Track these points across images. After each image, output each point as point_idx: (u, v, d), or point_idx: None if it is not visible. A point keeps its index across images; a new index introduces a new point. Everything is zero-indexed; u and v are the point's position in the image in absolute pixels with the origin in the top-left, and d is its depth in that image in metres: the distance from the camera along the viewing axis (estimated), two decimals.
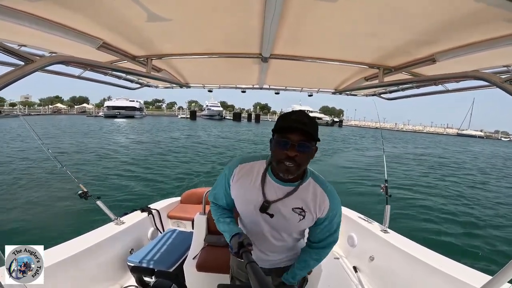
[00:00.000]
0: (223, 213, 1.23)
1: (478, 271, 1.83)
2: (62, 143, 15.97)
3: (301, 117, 0.96)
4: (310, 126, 0.95)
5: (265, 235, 1.15)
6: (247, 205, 1.12)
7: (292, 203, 1.07)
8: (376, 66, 1.60)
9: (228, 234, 1.13)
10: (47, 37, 1.12)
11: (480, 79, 1.06)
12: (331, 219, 1.11)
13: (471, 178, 12.50)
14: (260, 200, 1.08)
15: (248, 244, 1.02)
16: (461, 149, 29.76)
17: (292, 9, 0.96)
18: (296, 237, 1.21)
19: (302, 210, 1.07)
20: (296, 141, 0.94)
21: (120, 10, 1.00)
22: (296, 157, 0.95)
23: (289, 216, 1.07)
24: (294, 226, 1.10)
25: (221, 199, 1.24)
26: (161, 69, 1.97)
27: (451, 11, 0.87)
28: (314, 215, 1.08)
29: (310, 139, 0.96)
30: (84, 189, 2.42)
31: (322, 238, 1.16)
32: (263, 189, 1.08)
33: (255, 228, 1.15)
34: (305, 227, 1.13)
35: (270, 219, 1.09)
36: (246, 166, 1.14)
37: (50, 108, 65.21)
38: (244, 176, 1.12)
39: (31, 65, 0.95)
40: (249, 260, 0.94)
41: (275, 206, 1.07)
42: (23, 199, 6.38)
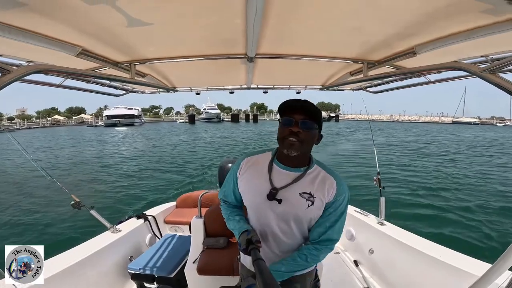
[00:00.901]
0: (232, 211, 1.23)
1: (477, 259, 1.84)
2: (88, 152, 17.62)
3: (305, 102, 1.02)
4: (312, 107, 1.01)
5: (272, 229, 1.10)
6: (255, 196, 1.11)
7: (300, 188, 1.06)
8: (360, 60, 1.62)
9: (237, 231, 1.12)
10: (23, 45, 1.08)
11: (459, 69, 1.09)
12: (337, 204, 1.07)
13: (442, 159, 13.96)
14: (268, 188, 1.07)
15: (257, 241, 1.02)
16: (450, 135, 31.24)
17: (274, 8, 0.96)
18: (304, 231, 1.13)
19: (310, 195, 1.05)
20: (298, 119, 1.00)
21: (97, 16, 0.97)
22: (299, 133, 0.99)
23: (297, 201, 1.05)
24: (303, 213, 1.06)
25: (230, 195, 1.24)
26: (145, 74, 1.93)
27: (429, 3, 0.88)
28: (324, 200, 1.06)
29: (312, 119, 1.01)
30: (76, 199, 2.39)
31: (321, 232, 1.09)
32: (270, 177, 1.09)
33: (263, 221, 1.12)
34: (314, 215, 1.08)
35: (278, 206, 1.06)
36: (252, 158, 1.18)
37: (49, 120, 65.74)
38: (250, 168, 1.15)
39: (8, 75, 0.92)
40: (257, 257, 0.93)
41: (282, 192, 1.06)
42: (16, 213, 6.28)
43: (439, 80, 1.74)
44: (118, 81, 1.83)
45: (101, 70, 1.67)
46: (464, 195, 7.56)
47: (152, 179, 9.57)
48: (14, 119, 67.77)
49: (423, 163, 12.68)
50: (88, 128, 49.34)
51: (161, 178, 9.81)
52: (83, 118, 74.22)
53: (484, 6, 0.83)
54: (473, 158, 14.80)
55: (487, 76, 0.96)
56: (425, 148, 18.48)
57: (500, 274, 1.00)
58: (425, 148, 18.78)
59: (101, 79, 1.85)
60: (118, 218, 2.95)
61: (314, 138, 1.05)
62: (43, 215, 6.02)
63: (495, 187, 8.50)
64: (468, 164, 12.73)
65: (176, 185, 8.73)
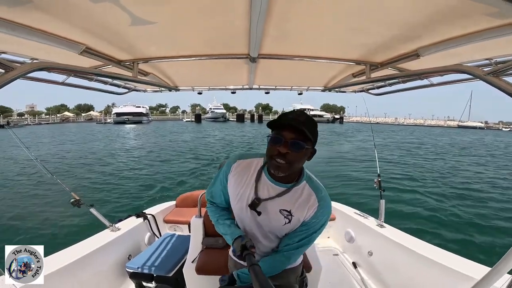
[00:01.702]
0: (221, 214, 1.21)
1: (476, 263, 1.84)
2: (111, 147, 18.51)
3: (299, 116, 0.95)
4: (306, 125, 0.93)
5: (253, 234, 1.14)
6: (240, 202, 1.11)
7: (281, 204, 1.06)
8: (362, 62, 1.62)
9: (229, 237, 1.11)
10: (27, 43, 1.08)
11: (463, 72, 1.08)
12: (311, 225, 1.06)
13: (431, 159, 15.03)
14: (252, 197, 1.07)
15: (251, 246, 1.02)
16: (447, 138, 31.92)
17: (277, 8, 0.96)
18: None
19: (289, 213, 1.05)
20: (289, 139, 0.93)
21: (102, 14, 0.97)
22: (288, 155, 0.93)
23: (274, 217, 1.06)
24: (278, 228, 1.08)
25: (219, 197, 1.22)
26: (148, 73, 1.94)
27: (433, 6, 0.88)
28: (301, 218, 1.06)
29: (304, 139, 0.94)
30: (76, 197, 2.39)
31: (291, 243, 1.09)
32: (256, 186, 1.07)
33: (246, 226, 1.15)
34: (289, 231, 1.10)
35: (257, 217, 1.08)
36: (244, 162, 1.14)
37: (58, 116, 67.49)
38: (241, 172, 1.12)
39: (11, 72, 0.92)
40: (252, 262, 0.93)
41: (264, 204, 1.06)
42: (16, 209, 6.28)
43: (442, 83, 1.73)
44: (121, 79, 1.83)
45: (104, 68, 1.68)
46: (462, 198, 7.61)
47: (154, 177, 9.60)
48: (24, 115, 69.85)
49: (418, 161, 13.78)
50: (98, 125, 50.42)
51: (164, 175, 9.83)
52: (91, 115, 75.48)
53: (489, 9, 0.82)
54: (460, 157, 16.13)
55: (490, 79, 0.95)
56: (418, 148, 19.72)
57: (499, 277, 0.99)
58: (418, 148, 20.07)
59: (104, 77, 1.85)
60: (118, 217, 2.95)
61: (305, 157, 0.99)
62: (43, 212, 6.02)
63: (489, 189, 8.76)
64: (459, 164, 13.70)
65: (176, 183, 8.75)
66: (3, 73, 0.91)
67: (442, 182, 9.49)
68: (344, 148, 18.05)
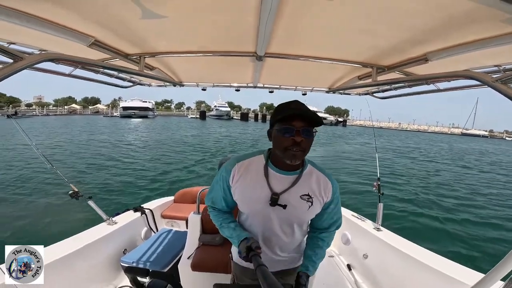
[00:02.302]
0: (225, 218, 1.20)
1: (470, 269, 1.84)
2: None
3: (300, 105, 1.01)
4: (310, 112, 0.99)
5: (275, 232, 1.13)
6: (255, 203, 1.09)
7: (299, 190, 1.08)
8: (369, 65, 1.61)
9: (235, 239, 1.11)
10: (37, 34, 1.08)
11: (471, 78, 1.08)
12: (336, 201, 1.16)
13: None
14: (268, 194, 1.07)
15: (257, 247, 1.03)
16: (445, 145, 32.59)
17: (288, 7, 0.95)
18: (304, 230, 1.22)
19: (309, 196, 1.09)
20: (300, 127, 0.97)
21: (113, 7, 0.97)
22: (302, 143, 0.97)
23: (298, 204, 1.08)
24: (305, 214, 1.11)
25: (220, 202, 1.20)
26: (154, 67, 1.94)
27: (444, 10, 0.87)
28: (321, 200, 1.11)
29: (311, 125, 1.00)
30: (75, 189, 2.38)
31: (331, 223, 1.21)
32: (268, 182, 1.07)
33: (267, 226, 1.12)
34: (313, 215, 1.14)
35: (283, 211, 1.07)
36: (244, 163, 1.13)
37: (66, 108, 68.91)
38: (244, 174, 1.11)
39: (19, 62, 0.92)
40: (259, 263, 0.93)
41: (283, 197, 1.07)
42: (14, 199, 6.28)
43: (449, 89, 1.72)
44: (127, 72, 1.83)
45: (111, 61, 1.68)
46: (458, 205, 7.62)
47: (155, 171, 9.61)
48: (32, 106, 71.27)
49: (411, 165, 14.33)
50: (105, 118, 51.44)
51: (165, 171, 9.84)
52: (98, 108, 76.99)
53: (500, 16, 0.82)
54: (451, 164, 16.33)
55: (499, 87, 0.95)
56: (412, 153, 20.39)
57: (492, 284, 0.99)
58: (411, 153, 20.70)
59: (111, 70, 1.86)
60: (116, 210, 2.95)
61: (311, 144, 1.04)
62: (40, 203, 6.04)
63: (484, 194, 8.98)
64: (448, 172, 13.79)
65: (176, 179, 8.76)
66: (12, 63, 0.91)
67: (425, 183, 9.95)
68: (342, 149, 18.85)
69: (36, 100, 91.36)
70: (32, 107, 67.02)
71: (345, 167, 12.46)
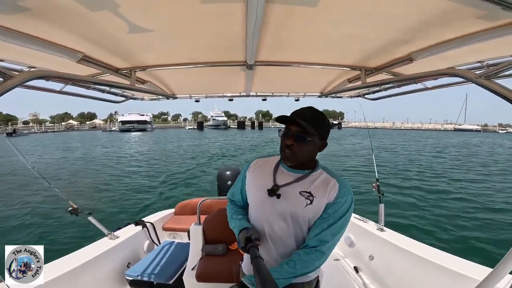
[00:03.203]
0: (236, 211, 1.25)
1: (477, 264, 1.84)
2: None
3: (306, 111, 1.04)
4: (310, 120, 1.01)
5: (271, 224, 1.09)
6: (258, 191, 1.14)
7: (301, 187, 1.08)
8: (358, 67, 1.65)
9: (237, 229, 1.13)
10: (25, 51, 1.09)
11: (455, 75, 1.11)
12: (338, 205, 1.04)
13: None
14: (270, 185, 1.11)
15: (256, 238, 1.02)
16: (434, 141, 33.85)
17: (273, 15, 0.98)
18: (304, 232, 1.10)
19: (310, 194, 1.06)
20: (293, 132, 1.03)
21: (99, 22, 0.98)
22: (293, 146, 1.03)
23: (295, 198, 1.06)
24: (300, 211, 1.05)
25: (237, 194, 1.28)
26: (145, 81, 1.95)
27: (425, 10, 0.90)
28: (324, 201, 1.04)
29: (310, 133, 1.01)
30: (74, 205, 2.37)
31: (317, 232, 1.04)
32: (274, 176, 1.13)
33: (263, 217, 1.11)
34: (312, 216, 1.06)
35: (277, 202, 1.08)
36: (262, 160, 1.24)
37: (63, 125, 69.93)
38: (259, 167, 1.20)
39: (10, 81, 0.92)
40: (255, 255, 0.92)
41: (283, 189, 1.09)
42: (14, 218, 6.22)
43: (436, 87, 1.76)
44: (118, 87, 1.84)
45: (101, 77, 1.69)
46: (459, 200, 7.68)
47: (154, 185, 9.57)
48: (29, 123, 72.96)
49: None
50: (104, 133, 52.11)
51: (162, 183, 9.80)
52: (95, 123, 78.14)
53: (479, 12, 0.84)
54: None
55: (482, 82, 0.97)
56: (393, 149, 22.18)
57: (501, 278, 0.99)
58: (393, 149, 22.48)
59: (102, 86, 1.86)
60: (116, 225, 2.92)
61: (312, 149, 1.06)
62: (40, 221, 5.96)
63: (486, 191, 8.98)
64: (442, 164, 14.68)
65: (176, 192, 8.71)
66: (2, 82, 0.91)
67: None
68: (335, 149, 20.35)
69: (32, 117, 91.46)
70: (29, 125, 67.96)
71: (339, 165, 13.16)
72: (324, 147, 1.10)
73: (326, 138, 1.09)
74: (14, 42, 0.98)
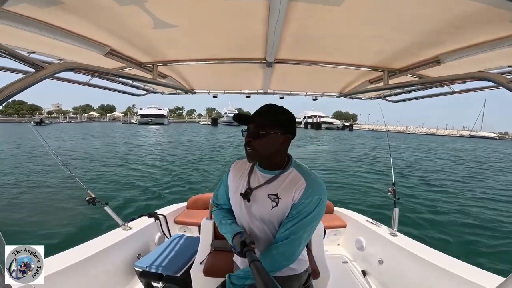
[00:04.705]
0: (224, 215, 1.24)
1: (489, 272, 1.79)
2: None
3: (262, 107, 1.07)
4: (263, 115, 1.04)
5: (249, 226, 1.14)
6: (235, 194, 1.16)
7: (269, 189, 1.08)
8: (380, 68, 1.60)
9: (229, 234, 1.12)
10: (56, 44, 1.14)
11: (486, 79, 1.05)
12: (302, 207, 1.01)
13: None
14: (245, 187, 1.13)
15: (251, 242, 1.02)
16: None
17: (296, 14, 0.97)
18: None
19: (276, 196, 1.06)
20: (251, 129, 1.05)
21: (127, 17, 1.02)
22: (251, 143, 1.04)
23: (262, 201, 1.08)
24: (267, 213, 1.07)
25: (222, 197, 1.30)
26: (166, 76, 1.99)
27: (455, 12, 0.87)
28: (290, 202, 1.03)
29: (263, 127, 1.02)
30: (92, 195, 2.45)
31: (280, 233, 1.04)
32: (248, 178, 1.15)
33: (241, 218, 1.17)
34: (279, 217, 1.06)
35: (247, 205, 1.12)
36: (241, 160, 1.24)
37: (85, 116, 73.63)
38: (238, 168, 1.22)
39: (41, 72, 0.97)
40: (253, 258, 0.93)
41: (255, 192, 1.11)
42: (33, 204, 6.52)
43: (463, 91, 1.68)
44: (141, 81, 1.89)
45: (125, 70, 1.74)
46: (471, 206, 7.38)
47: (169, 178, 9.80)
48: (53, 113, 77.58)
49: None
50: (124, 125, 54.83)
51: (178, 177, 10.02)
52: (115, 115, 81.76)
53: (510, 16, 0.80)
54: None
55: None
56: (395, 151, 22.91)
57: None
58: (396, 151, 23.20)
59: (125, 79, 1.92)
60: (130, 215, 3.02)
61: (271, 143, 1.04)
62: (58, 209, 6.24)
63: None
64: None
65: (189, 185, 8.87)
66: (34, 72, 0.96)
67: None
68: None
69: (54, 108, 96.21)
70: (53, 115, 71.82)
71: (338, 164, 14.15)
72: (287, 141, 1.08)
73: (288, 132, 1.06)
74: (46, 35, 1.03)
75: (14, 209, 6.13)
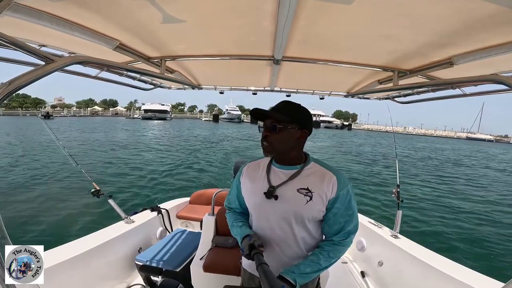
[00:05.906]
0: (236, 218, 1.23)
1: (489, 277, 1.78)
2: None
3: (279, 104, 1.10)
4: (279, 110, 1.06)
5: (273, 227, 1.08)
6: (255, 196, 1.13)
7: (297, 184, 1.06)
8: (390, 69, 1.57)
9: (239, 236, 1.12)
10: (66, 37, 1.15)
11: (499, 82, 1.02)
12: (343, 200, 1.05)
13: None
14: (266, 187, 1.09)
15: (259, 245, 1.01)
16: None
17: (305, 11, 0.96)
18: (310, 230, 1.09)
19: (308, 190, 1.04)
20: (267, 124, 1.06)
21: (136, 12, 1.02)
22: (267, 137, 1.06)
23: (294, 197, 1.05)
24: (302, 209, 1.04)
25: (234, 201, 1.27)
26: (174, 70, 2.00)
27: (469, 14, 0.85)
28: (324, 196, 1.04)
29: (280, 121, 1.04)
30: (97, 187, 2.48)
31: (336, 229, 1.07)
32: (268, 177, 1.12)
33: (264, 221, 1.11)
34: (316, 212, 1.05)
35: (276, 204, 1.06)
36: (253, 163, 1.22)
37: (88, 110, 73.80)
38: (251, 171, 1.20)
39: (51, 64, 0.98)
40: (260, 261, 0.92)
41: (279, 190, 1.07)
42: (38, 195, 6.65)
43: (475, 93, 1.64)
44: (149, 75, 1.90)
45: (134, 64, 1.75)
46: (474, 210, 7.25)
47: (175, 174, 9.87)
48: (57, 107, 78.02)
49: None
50: (127, 120, 55.63)
51: (183, 173, 10.08)
52: (117, 110, 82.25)
53: None
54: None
55: None
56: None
57: None
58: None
59: (134, 73, 1.93)
60: (133, 209, 3.05)
61: (288, 137, 1.06)
62: (63, 200, 6.33)
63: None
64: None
65: (193, 181, 8.92)
66: (44, 65, 0.97)
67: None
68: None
69: (57, 101, 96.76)
70: (57, 109, 72.42)
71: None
72: (304, 136, 1.09)
73: (305, 127, 1.08)
74: (57, 28, 1.04)
75: (18, 200, 6.26)
